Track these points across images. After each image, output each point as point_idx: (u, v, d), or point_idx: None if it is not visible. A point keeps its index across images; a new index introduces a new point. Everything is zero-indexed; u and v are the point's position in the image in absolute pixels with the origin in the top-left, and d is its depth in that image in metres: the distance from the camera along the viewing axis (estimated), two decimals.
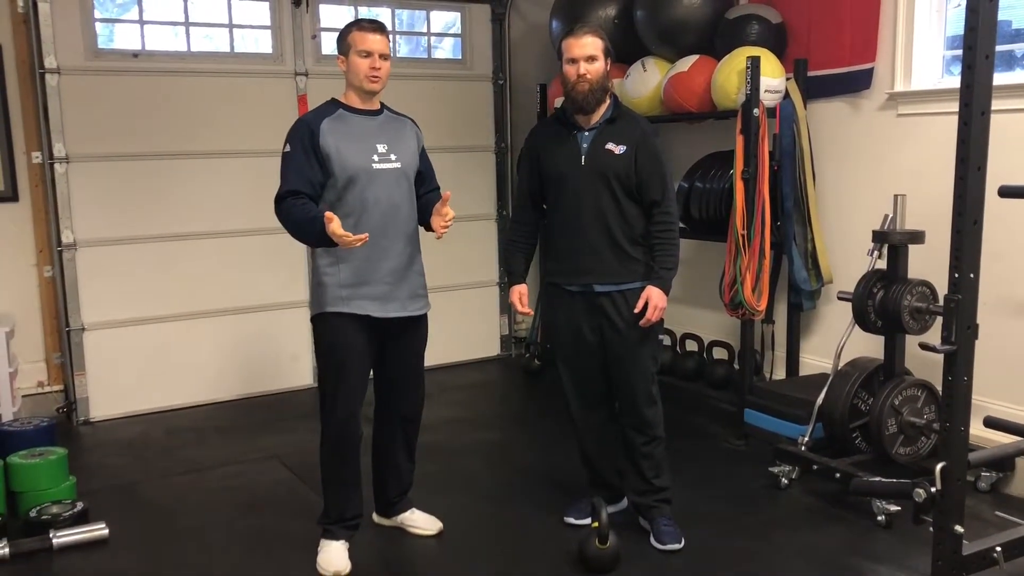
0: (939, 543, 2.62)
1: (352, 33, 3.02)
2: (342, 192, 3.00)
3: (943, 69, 4.14)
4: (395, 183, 3.08)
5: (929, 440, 3.64)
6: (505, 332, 6.27)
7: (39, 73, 4.67)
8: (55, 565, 3.25)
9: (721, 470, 4.05)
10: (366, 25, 3.04)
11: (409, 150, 3.16)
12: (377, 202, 3.03)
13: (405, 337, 3.18)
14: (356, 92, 3.08)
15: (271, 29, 5.33)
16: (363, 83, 3.03)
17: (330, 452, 3.14)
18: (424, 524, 3.40)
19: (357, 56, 3.00)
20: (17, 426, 4.01)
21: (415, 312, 3.16)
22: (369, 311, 3.04)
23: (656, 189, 3.14)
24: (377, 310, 3.05)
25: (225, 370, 5.26)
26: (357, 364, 3.07)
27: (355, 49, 3.00)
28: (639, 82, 4.88)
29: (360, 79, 3.03)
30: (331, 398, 3.08)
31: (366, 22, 3.07)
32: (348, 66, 3.04)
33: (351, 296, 3.02)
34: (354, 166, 2.99)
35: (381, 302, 3.06)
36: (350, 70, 3.04)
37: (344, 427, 3.09)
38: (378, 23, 3.08)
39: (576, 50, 3.11)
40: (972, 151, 2.46)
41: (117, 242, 4.93)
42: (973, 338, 2.56)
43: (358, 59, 3.01)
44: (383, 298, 3.06)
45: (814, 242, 4.41)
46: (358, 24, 3.06)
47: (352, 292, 3.02)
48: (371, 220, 3.00)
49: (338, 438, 3.11)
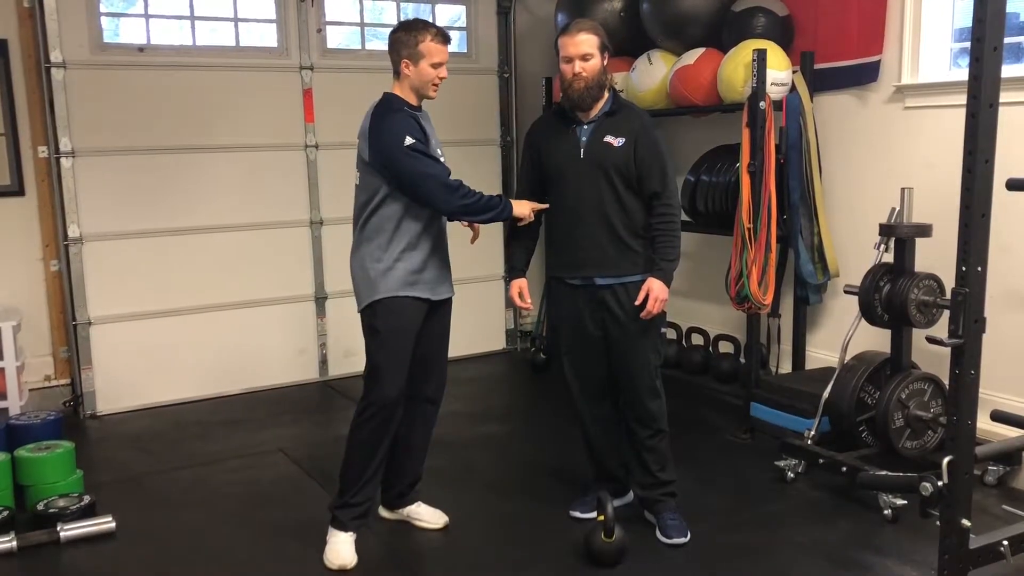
0: (946, 537, 2.62)
1: (427, 43, 3.07)
2: None
3: (951, 61, 4.12)
4: None
5: (936, 434, 3.63)
6: (510, 326, 6.27)
7: (45, 67, 4.67)
8: (63, 558, 3.26)
9: (727, 464, 4.04)
10: (442, 37, 3.11)
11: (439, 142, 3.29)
12: None
13: (438, 320, 3.29)
14: (414, 95, 3.15)
15: (276, 23, 5.33)
16: (428, 91, 3.14)
17: (373, 430, 3.15)
18: (430, 518, 3.42)
19: (430, 67, 3.09)
20: (25, 420, 4.02)
21: (451, 294, 3.31)
22: (427, 295, 3.18)
23: (656, 181, 3.13)
24: (433, 293, 3.20)
25: (231, 364, 5.27)
26: (409, 345, 3.19)
27: (430, 60, 3.08)
28: (645, 75, 4.87)
29: (428, 88, 3.13)
30: (387, 376, 3.13)
31: (441, 33, 3.12)
32: (415, 71, 3.09)
33: (416, 281, 3.15)
34: None
35: (435, 285, 3.21)
36: (417, 75, 3.10)
37: (394, 404, 3.16)
38: (446, 32, 3.14)
39: (571, 48, 3.10)
40: (980, 144, 2.45)
41: (123, 236, 4.94)
42: (981, 332, 2.55)
43: (430, 69, 3.10)
44: (435, 282, 3.21)
45: (820, 235, 4.39)
46: (433, 33, 3.10)
47: (418, 277, 3.15)
48: (419, 209, 3.14)
49: (385, 415, 3.15)
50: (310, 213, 5.44)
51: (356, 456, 3.18)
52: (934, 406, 3.62)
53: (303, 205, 5.43)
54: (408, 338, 3.16)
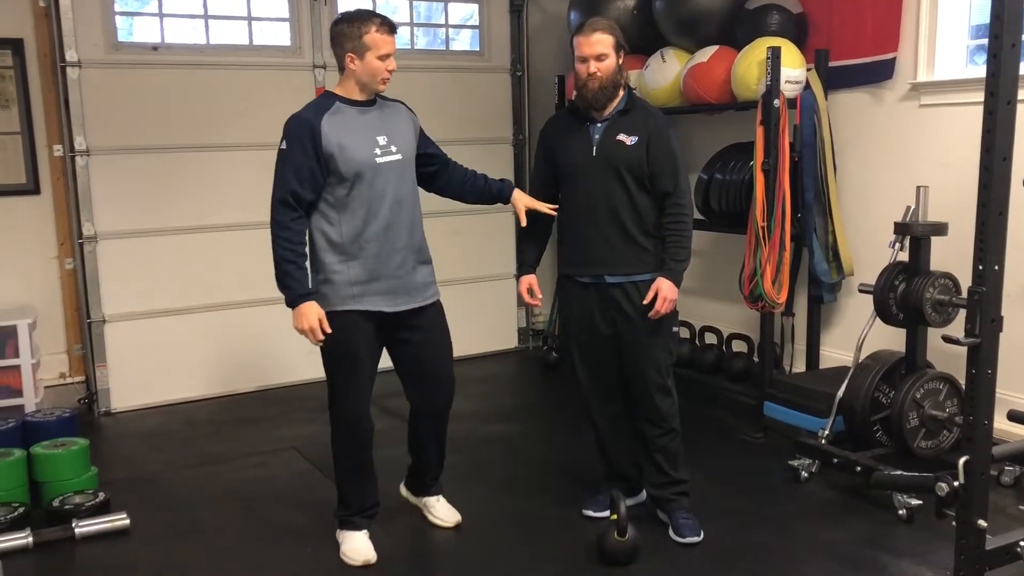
0: (962, 538, 2.60)
1: (372, 34, 2.92)
2: (350, 189, 2.96)
3: (967, 58, 4.10)
4: (398, 176, 3.05)
5: (951, 434, 3.60)
6: (522, 325, 6.26)
7: (60, 67, 4.70)
8: (77, 554, 3.28)
9: (740, 463, 4.03)
10: (385, 27, 2.95)
11: (407, 138, 3.11)
12: (383, 197, 2.99)
13: (422, 329, 3.15)
14: (361, 88, 3.01)
15: (289, 21, 5.34)
16: (376, 84, 3.00)
17: (343, 448, 3.15)
18: (444, 515, 3.41)
19: (377, 59, 2.94)
20: (40, 417, 4.05)
21: (424, 302, 3.13)
22: (381, 307, 3.02)
23: (668, 180, 3.12)
24: (388, 305, 3.04)
25: (244, 362, 5.29)
26: (367, 361, 3.07)
27: (376, 52, 2.93)
28: (658, 73, 4.85)
29: (376, 81, 2.98)
30: (342, 396, 3.07)
31: (384, 22, 2.96)
32: (361, 65, 2.94)
33: (363, 293, 3.00)
34: (359, 162, 2.95)
35: (391, 297, 3.04)
36: (363, 69, 2.95)
37: (356, 424, 3.10)
38: (392, 22, 2.99)
39: (586, 48, 3.09)
40: (998, 141, 2.43)
41: (137, 234, 4.97)
42: (997, 331, 2.53)
43: (377, 62, 2.94)
44: (393, 292, 3.04)
45: (835, 234, 4.37)
46: (378, 24, 2.94)
47: (363, 289, 3.00)
48: (379, 215, 2.99)
49: (349, 435, 3.12)
50: None
51: (340, 470, 3.20)
52: (949, 406, 3.60)
53: None
54: (361, 355, 3.02)
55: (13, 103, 4.73)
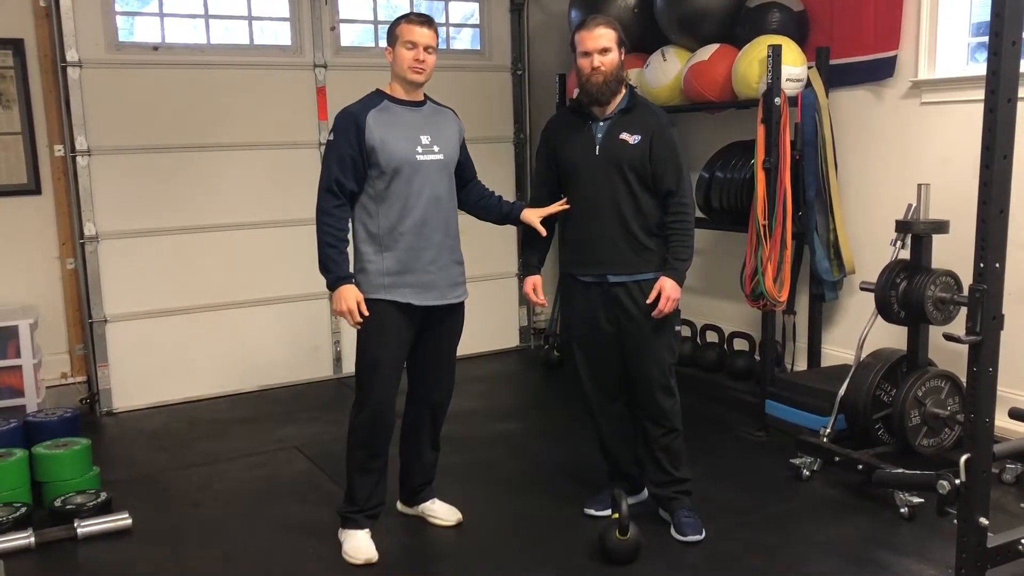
0: (963, 535, 2.60)
1: (400, 25, 3.06)
2: (388, 183, 3.05)
3: (968, 56, 4.09)
4: (437, 175, 3.13)
5: (953, 431, 3.60)
6: (524, 323, 6.26)
7: (61, 67, 4.70)
8: (79, 554, 3.29)
9: (742, 462, 4.03)
10: (414, 18, 3.07)
11: (451, 142, 3.21)
12: (420, 193, 3.08)
13: (443, 325, 3.22)
14: (400, 83, 3.11)
15: (290, 21, 5.34)
16: (406, 74, 3.07)
17: (361, 441, 3.16)
18: (444, 515, 3.42)
19: (403, 48, 3.04)
20: (42, 417, 4.06)
21: (453, 300, 3.21)
22: (410, 299, 3.09)
23: (671, 179, 3.12)
24: (417, 298, 3.10)
25: (246, 361, 5.29)
26: (395, 351, 3.13)
27: (401, 40, 3.04)
28: (659, 71, 4.85)
29: (404, 70, 3.06)
30: (368, 385, 3.11)
31: (415, 15, 3.10)
32: (394, 57, 3.07)
33: (393, 284, 3.07)
34: (399, 158, 3.05)
35: (422, 290, 3.11)
36: (395, 61, 3.07)
37: (379, 416, 3.13)
38: (427, 17, 3.11)
39: (589, 43, 3.09)
40: (998, 139, 2.42)
41: (139, 234, 4.97)
42: (999, 328, 2.53)
43: (403, 50, 3.04)
44: (424, 286, 3.11)
45: (836, 232, 4.37)
46: (407, 16, 3.08)
47: (395, 280, 3.07)
48: (415, 210, 3.07)
49: (371, 427, 3.14)
50: None
51: (354, 464, 3.20)
52: (951, 403, 3.60)
53: None
54: (390, 344, 3.09)
55: (14, 103, 4.74)
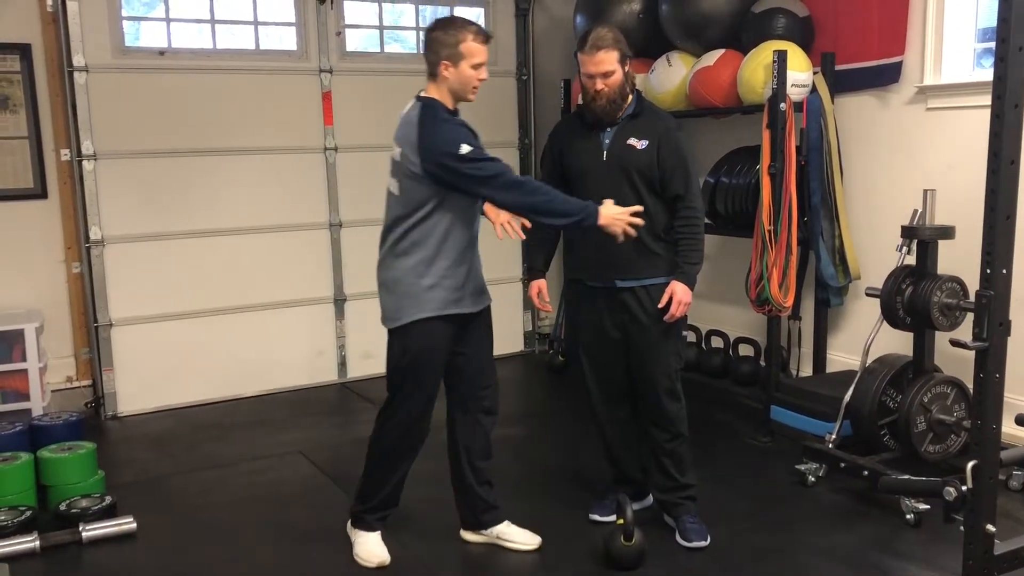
0: (970, 542, 2.59)
1: (469, 43, 2.91)
2: (446, 194, 2.94)
3: (974, 62, 4.09)
4: None
5: (959, 438, 3.59)
6: (528, 328, 6.26)
7: (67, 71, 4.72)
8: (84, 558, 3.29)
9: (747, 467, 4.02)
10: (481, 36, 2.94)
11: None
12: (472, 204, 3.04)
13: (479, 331, 3.17)
14: (452, 95, 2.99)
15: (296, 26, 5.35)
16: (468, 94, 3.00)
17: (394, 444, 3.12)
18: (521, 539, 3.26)
19: (471, 68, 2.93)
20: (47, 420, 4.06)
21: (486, 304, 3.18)
22: (459, 309, 3.04)
23: (679, 183, 3.12)
24: (474, 305, 3.09)
25: (251, 366, 5.29)
26: (441, 365, 3.09)
27: (471, 61, 2.92)
28: (664, 77, 4.85)
29: (467, 90, 2.98)
30: (410, 397, 3.06)
31: (481, 32, 2.96)
32: (455, 73, 2.93)
33: (461, 297, 3.03)
34: None
35: (476, 297, 3.10)
36: (457, 78, 2.94)
37: (419, 423, 3.12)
38: (487, 32, 3.00)
39: (591, 67, 3.07)
40: (1005, 144, 2.43)
41: (144, 238, 4.98)
42: (1005, 335, 2.52)
43: (471, 71, 2.93)
44: (477, 293, 3.10)
45: (842, 238, 4.37)
46: (475, 33, 2.93)
47: (461, 293, 3.03)
48: (467, 221, 3.04)
49: (408, 432, 3.11)
50: (329, 216, 5.46)
51: (380, 463, 3.16)
52: (957, 410, 3.59)
53: (322, 208, 5.45)
54: (440, 358, 3.06)
55: (21, 107, 4.75)
